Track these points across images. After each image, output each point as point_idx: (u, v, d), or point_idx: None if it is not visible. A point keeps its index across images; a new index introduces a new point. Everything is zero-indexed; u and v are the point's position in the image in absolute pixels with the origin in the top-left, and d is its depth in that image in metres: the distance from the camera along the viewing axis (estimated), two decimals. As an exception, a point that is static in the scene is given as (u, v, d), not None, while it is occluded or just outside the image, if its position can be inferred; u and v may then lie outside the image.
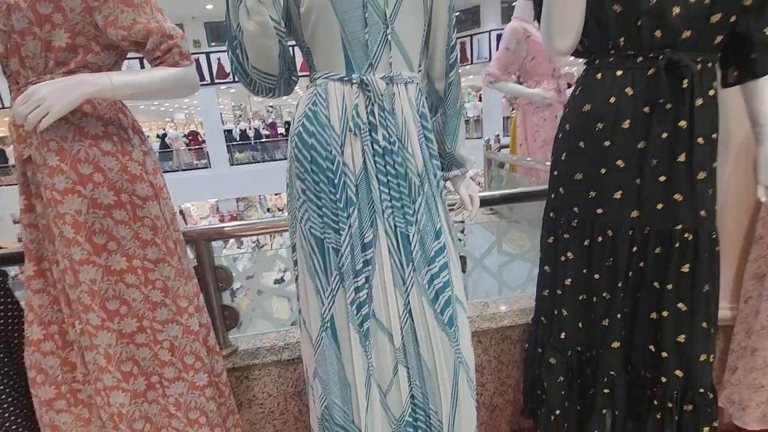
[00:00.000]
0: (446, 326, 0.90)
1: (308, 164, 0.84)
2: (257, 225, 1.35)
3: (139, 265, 1.02)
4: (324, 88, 0.84)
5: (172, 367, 1.09)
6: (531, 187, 1.44)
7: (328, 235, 0.85)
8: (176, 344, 1.08)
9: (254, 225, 1.37)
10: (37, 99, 0.86)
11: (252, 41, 0.78)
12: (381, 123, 0.83)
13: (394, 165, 0.84)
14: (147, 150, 1.05)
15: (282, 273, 5.98)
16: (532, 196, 1.43)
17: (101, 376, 1.00)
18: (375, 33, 0.81)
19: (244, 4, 0.75)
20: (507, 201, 1.48)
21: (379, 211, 0.85)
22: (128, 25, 0.92)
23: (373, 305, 0.88)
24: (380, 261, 0.86)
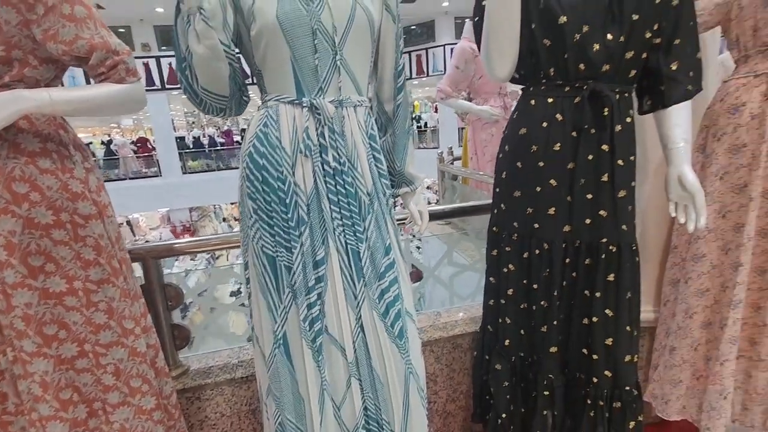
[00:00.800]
0: (397, 338, 0.94)
1: (259, 184, 0.86)
2: (210, 241, 1.33)
3: (80, 286, 0.98)
4: (275, 110, 0.86)
5: (117, 391, 1.05)
6: (478, 202, 1.52)
7: (280, 254, 0.87)
8: (121, 367, 1.04)
9: (208, 241, 1.34)
10: None
11: (202, 64, 0.79)
12: (331, 145, 0.86)
13: (344, 185, 0.88)
14: (90, 167, 1.02)
15: (238, 285, 5.82)
16: (479, 210, 1.51)
17: (36, 405, 0.95)
18: (324, 59, 0.84)
19: (193, 27, 0.76)
20: (456, 215, 1.56)
21: (330, 229, 0.88)
22: (70, 39, 0.90)
23: (326, 321, 0.90)
24: (332, 277, 0.89)
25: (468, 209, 1.57)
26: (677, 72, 0.99)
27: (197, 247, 1.30)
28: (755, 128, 1.05)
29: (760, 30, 1.03)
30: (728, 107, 1.09)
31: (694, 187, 0.99)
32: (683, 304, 1.21)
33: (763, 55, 1.04)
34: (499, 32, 1.00)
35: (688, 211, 1.02)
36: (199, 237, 1.33)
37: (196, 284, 1.56)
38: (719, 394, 1.15)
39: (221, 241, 1.30)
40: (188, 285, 1.37)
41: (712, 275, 1.17)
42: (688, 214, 1.02)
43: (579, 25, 0.93)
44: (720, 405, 1.16)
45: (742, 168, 1.08)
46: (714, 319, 1.18)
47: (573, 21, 0.93)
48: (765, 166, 1.05)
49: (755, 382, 1.15)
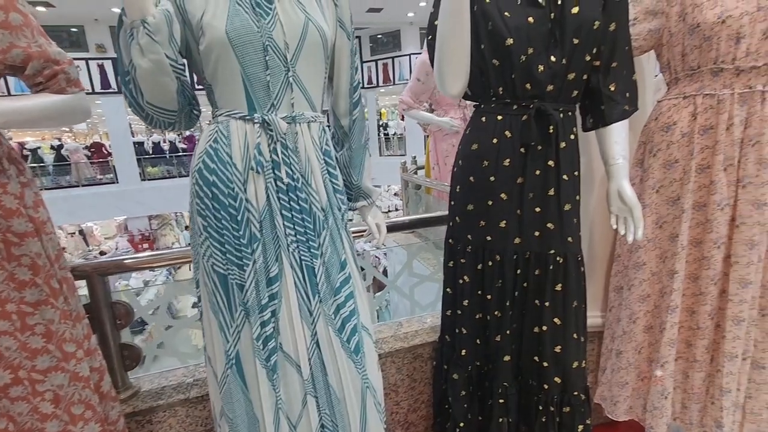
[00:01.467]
0: (353, 353, 0.94)
1: (209, 201, 0.84)
2: (164, 256, 1.28)
3: (14, 309, 0.92)
4: (225, 126, 0.85)
5: (56, 420, 0.99)
6: (437, 213, 1.55)
7: (232, 272, 0.85)
8: (61, 394, 0.98)
9: (160, 256, 1.29)
10: None
11: (146, 78, 0.77)
12: (284, 161, 0.86)
13: (298, 201, 0.87)
14: (26, 181, 0.96)
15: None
16: (439, 221, 1.54)
17: (-35, 438, 0.88)
18: (276, 75, 0.84)
19: (136, 41, 0.74)
20: (416, 226, 1.58)
21: (284, 245, 0.87)
22: (4, 48, 0.85)
23: (280, 338, 0.89)
24: (286, 294, 0.88)
25: (428, 220, 1.60)
26: (615, 93, 1.06)
27: (148, 263, 1.25)
28: (685, 145, 1.14)
29: (687, 55, 1.11)
30: (662, 125, 1.18)
31: (632, 201, 1.06)
32: (627, 309, 1.28)
33: (691, 78, 1.12)
34: (450, 51, 1.03)
35: (627, 223, 1.08)
36: (151, 252, 1.28)
37: (155, 296, 1.50)
38: (660, 394, 1.22)
39: (175, 256, 1.25)
40: (147, 298, 1.32)
41: (652, 282, 1.24)
42: (627, 226, 1.08)
43: (525, 48, 0.98)
44: (661, 404, 1.22)
45: (675, 182, 1.16)
46: (654, 324, 1.25)
47: (519, 43, 0.98)
48: (694, 180, 1.13)
49: (692, 381, 1.22)
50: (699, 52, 1.08)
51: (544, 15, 0.97)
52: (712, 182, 1.10)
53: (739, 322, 1.13)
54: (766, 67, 1.02)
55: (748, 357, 1.18)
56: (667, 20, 1.14)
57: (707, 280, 1.14)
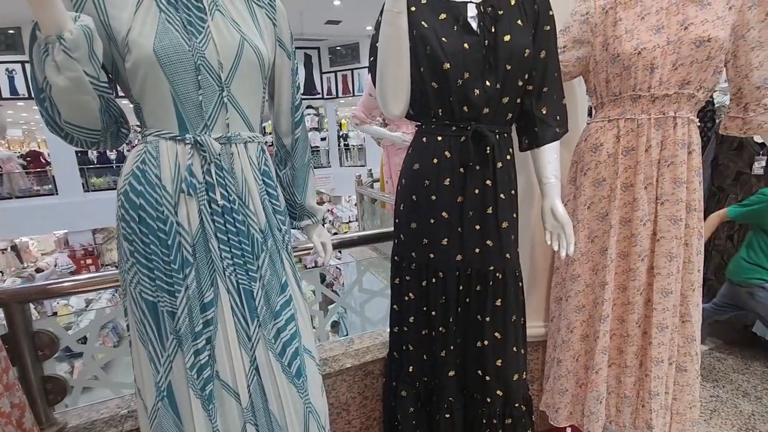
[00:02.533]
0: (294, 378, 0.92)
1: (136, 225, 0.80)
2: (92, 280, 1.20)
3: None
4: (155, 146, 0.82)
5: (-33, 464, 0.89)
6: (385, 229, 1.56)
7: (162, 299, 0.81)
8: (-31, 436, 0.89)
9: (89, 281, 1.21)
10: None
11: (63, 97, 0.73)
12: (219, 182, 0.84)
13: (234, 223, 0.85)
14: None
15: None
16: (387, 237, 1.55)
17: None
18: (210, 95, 0.82)
19: (52, 57, 0.70)
20: (363, 242, 1.58)
21: (219, 269, 0.85)
22: None
23: (217, 366, 0.86)
24: (222, 320, 0.85)
25: (378, 236, 1.60)
26: (547, 116, 1.12)
27: (74, 289, 1.16)
28: (611, 165, 1.22)
29: (610, 82, 1.20)
30: (590, 146, 1.26)
31: (563, 218, 1.12)
32: (565, 319, 1.34)
33: (614, 103, 1.21)
34: (390, 74, 1.05)
35: (561, 239, 1.14)
36: (77, 277, 1.19)
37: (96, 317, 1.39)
38: (596, 399, 1.29)
39: (104, 280, 1.18)
40: (89, 318, 1.22)
41: (586, 293, 1.31)
42: (560, 242, 1.14)
43: (461, 72, 1.02)
44: (597, 409, 1.29)
45: (604, 199, 1.24)
46: (590, 332, 1.32)
47: (455, 67, 1.01)
48: (620, 197, 1.21)
49: (624, 386, 1.30)
50: (620, 79, 1.17)
51: (478, 42, 1.02)
52: (635, 199, 1.19)
53: (662, 329, 1.22)
54: (676, 96, 1.12)
55: (673, 361, 1.27)
56: (593, 49, 1.23)
57: (634, 290, 1.22)
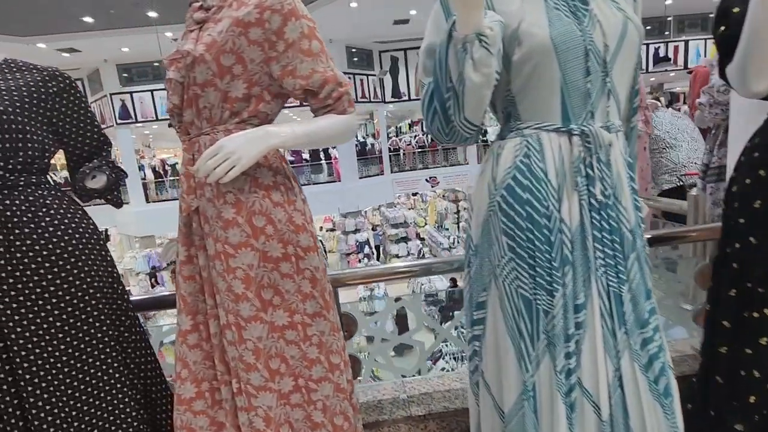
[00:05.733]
0: (661, 396, 0.81)
1: (522, 221, 0.78)
2: (395, 269, 1.28)
3: (300, 320, 0.97)
4: (536, 139, 0.79)
5: (323, 429, 1.01)
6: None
7: (540, 296, 0.79)
8: (327, 404, 1.01)
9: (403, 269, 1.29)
10: (226, 152, 0.83)
11: (474, 93, 0.74)
12: (599, 176, 0.78)
13: (608, 220, 0.78)
14: (304, 198, 1.01)
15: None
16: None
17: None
18: (595, 81, 0.77)
19: (470, 55, 0.71)
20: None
21: (592, 269, 0.79)
22: (307, 74, 0.90)
23: (581, 373, 0.80)
24: (592, 324, 0.79)
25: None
26: None
27: (382, 275, 1.26)
28: None
29: None
30: None
31: None
32: None
33: None
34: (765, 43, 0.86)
35: None
36: (394, 265, 1.29)
37: (387, 306, 1.50)
38: None
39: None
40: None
41: None
42: None
43: None
44: None
45: None
46: None
47: None
48: None
49: None
50: None
51: None
52: None
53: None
54: None
55: None
56: None
57: None
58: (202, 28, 0.92)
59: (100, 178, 1.07)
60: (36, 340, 0.89)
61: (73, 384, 0.92)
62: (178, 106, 0.92)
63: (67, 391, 0.92)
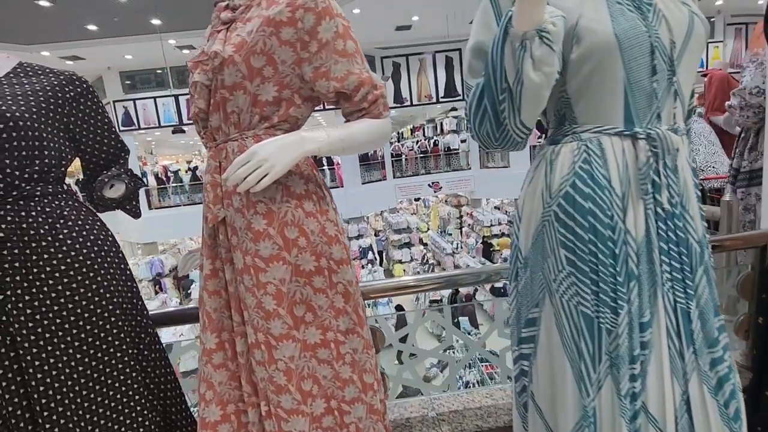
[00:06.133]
0: (731, 421, 0.75)
1: (584, 232, 0.72)
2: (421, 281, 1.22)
3: (332, 338, 0.91)
4: (596, 143, 0.73)
5: (357, 454, 0.95)
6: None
7: (603, 314, 0.72)
8: (360, 427, 0.95)
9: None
10: (259, 159, 0.78)
11: (532, 94, 0.68)
12: (666, 182, 0.72)
13: (675, 230, 0.73)
14: (335, 207, 0.96)
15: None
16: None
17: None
18: (662, 81, 0.71)
19: (530, 53, 0.66)
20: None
21: (659, 284, 0.73)
22: (341, 76, 0.85)
23: (645, 397, 0.74)
24: (658, 344, 0.73)
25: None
26: None
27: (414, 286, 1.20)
28: None
29: None
30: None
31: None
32: None
33: None
34: None
35: None
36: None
37: (414, 319, 1.44)
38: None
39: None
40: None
41: None
42: None
43: None
44: None
45: None
46: None
47: None
48: None
49: None
50: None
51: None
52: None
53: None
54: None
55: None
56: None
57: None
58: (230, 28, 0.87)
59: (119, 186, 1.01)
60: (53, 361, 0.83)
61: (90, 405, 0.86)
62: (204, 110, 0.87)
63: (83, 413, 0.86)
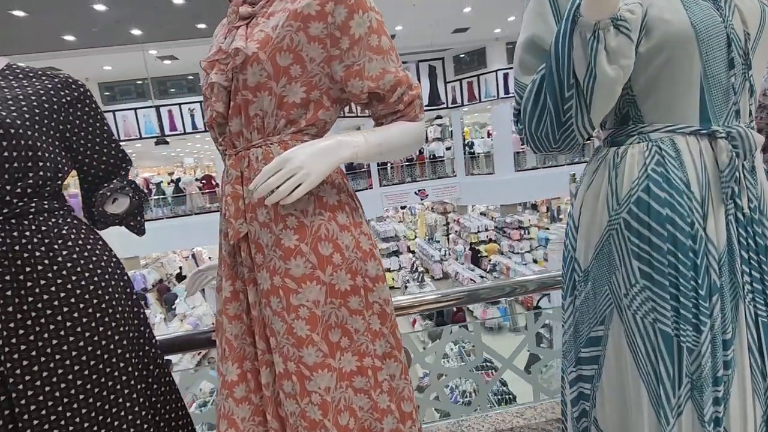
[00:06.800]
0: (815, 445, 0.69)
1: (661, 241, 0.66)
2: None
3: (370, 363, 0.82)
4: (669, 144, 0.67)
5: (395, 492, 0.85)
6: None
7: (684, 332, 0.66)
8: (398, 461, 0.85)
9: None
10: (293, 167, 0.69)
11: (606, 90, 0.62)
12: (745, 185, 0.66)
13: (755, 237, 0.67)
14: (367, 219, 0.87)
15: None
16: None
17: None
18: (738, 75, 0.66)
19: (604, 45, 0.60)
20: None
21: (740, 297, 0.67)
22: (376, 75, 0.77)
23: (728, 422, 0.67)
24: (740, 362, 0.67)
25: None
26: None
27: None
28: None
29: None
30: None
31: None
32: None
33: None
34: None
35: None
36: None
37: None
38: None
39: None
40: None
41: None
42: None
43: None
44: None
45: None
46: None
47: None
48: None
49: None
50: None
51: None
52: None
53: None
54: None
55: None
56: None
57: None
58: (250, 24, 0.79)
59: (123, 201, 0.91)
60: (51, 404, 0.72)
61: None
62: (222, 114, 0.78)
63: None
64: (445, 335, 1.18)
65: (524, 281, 1.25)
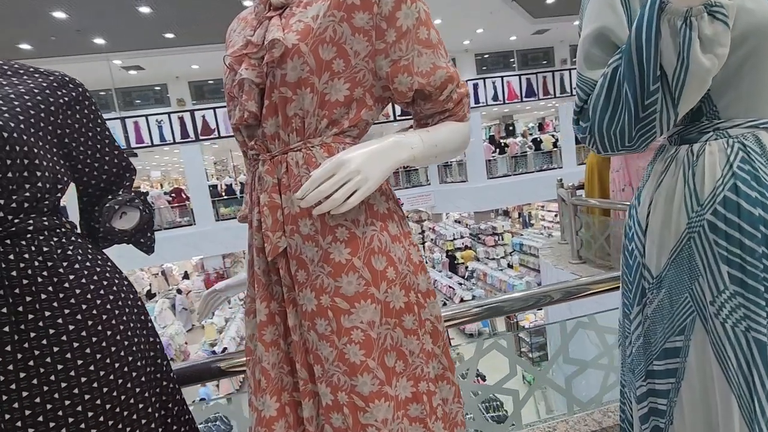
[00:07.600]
0: None
1: (755, 244, 0.62)
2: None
3: (425, 388, 0.74)
4: (754, 140, 0.64)
5: None
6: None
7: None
8: (454, 494, 0.77)
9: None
10: (348, 172, 0.61)
11: (698, 81, 0.58)
12: None
13: None
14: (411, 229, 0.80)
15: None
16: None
17: None
18: None
19: (698, 33, 0.56)
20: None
21: None
22: (427, 70, 0.71)
23: None
24: None
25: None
26: None
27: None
28: None
29: None
30: None
31: None
32: None
33: None
34: None
35: None
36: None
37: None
38: None
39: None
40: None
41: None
42: None
43: None
44: None
45: None
46: None
47: None
48: None
49: None
50: None
51: None
52: None
53: None
54: None
55: None
56: None
57: None
58: (283, 14, 0.71)
59: (132, 215, 0.80)
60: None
61: None
62: (255, 114, 0.69)
63: None
64: (478, 350, 1.11)
65: (549, 291, 1.20)
